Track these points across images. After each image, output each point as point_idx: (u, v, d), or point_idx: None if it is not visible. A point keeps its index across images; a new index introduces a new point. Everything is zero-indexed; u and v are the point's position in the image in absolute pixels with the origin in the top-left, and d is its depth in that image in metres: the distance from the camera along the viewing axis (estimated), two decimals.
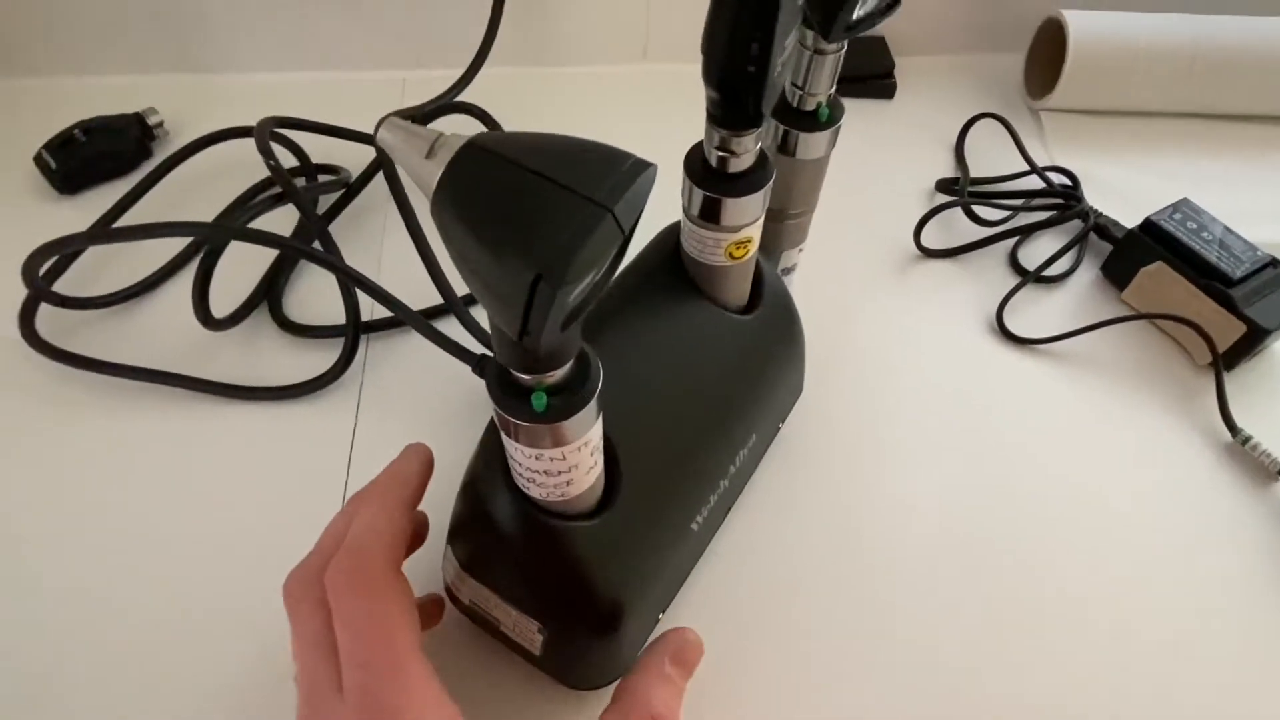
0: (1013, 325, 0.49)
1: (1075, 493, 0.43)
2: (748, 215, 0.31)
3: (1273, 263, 0.46)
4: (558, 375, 0.23)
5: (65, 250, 0.45)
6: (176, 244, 0.50)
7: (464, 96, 0.57)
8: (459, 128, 0.51)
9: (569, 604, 0.30)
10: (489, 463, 0.29)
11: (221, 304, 0.45)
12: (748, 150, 0.29)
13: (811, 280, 0.49)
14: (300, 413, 0.44)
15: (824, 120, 0.35)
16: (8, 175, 0.54)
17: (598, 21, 0.63)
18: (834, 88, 0.34)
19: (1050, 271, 0.51)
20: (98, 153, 0.54)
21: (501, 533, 0.29)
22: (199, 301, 0.43)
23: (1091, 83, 0.59)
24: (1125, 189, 0.56)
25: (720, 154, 0.29)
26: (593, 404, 0.24)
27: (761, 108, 0.26)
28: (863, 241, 0.54)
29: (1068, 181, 0.56)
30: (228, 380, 0.44)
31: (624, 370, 0.32)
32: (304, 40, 0.61)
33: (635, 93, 0.64)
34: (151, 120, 0.56)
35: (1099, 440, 0.45)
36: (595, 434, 0.26)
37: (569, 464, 0.26)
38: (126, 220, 0.51)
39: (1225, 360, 0.46)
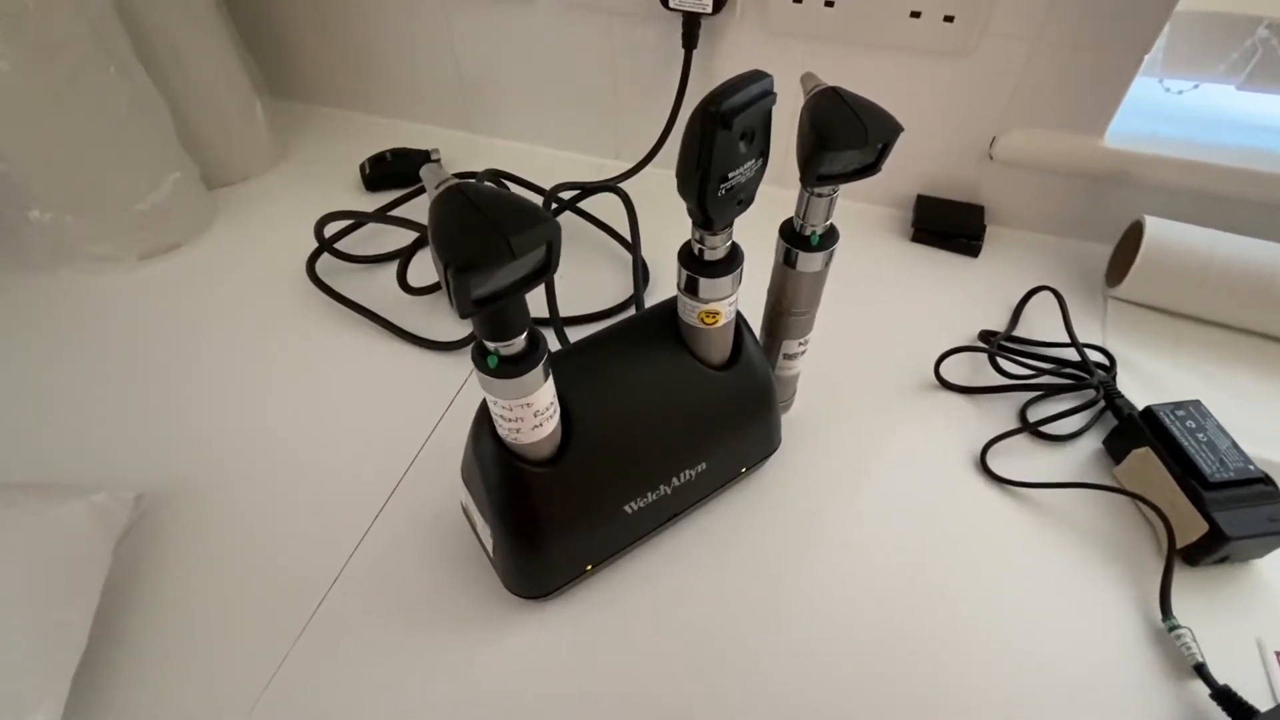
0: (997, 465, 0.48)
1: (998, 624, 0.41)
2: (718, 293, 0.37)
3: (1264, 479, 0.41)
4: (510, 350, 0.30)
5: (340, 220, 0.61)
6: (410, 235, 0.63)
7: (631, 182, 0.67)
8: (611, 203, 0.62)
9: (509, 516, 0.36)
10: (485, 411, 0.36)
11: (420, 280, 0.58)
12: (716, 247, 0.35)
13: (829, 372, 0.52)
14: (437, 360, 0.55)
15: (815, 244, 0.39)
16: (343, 174, 0.72)
17: None
18: (829, 221, 0.39)
19: (1055, 430, 0.49)
20: (396, 170, 0.70)
21: (481, 457, 0.36)
22: (401, 273, 0.56)
23: (1159, 282, 0.55)
24: (1161, 380, 0.51)
25: (698, 246, 0.35)
26: (529, 377, 0.31)
27: (711, 216, 0.32)
28: (891, 359, 0.55)
29: (1105, 361, 0.53)
30: (405, 328, 0.56)
31: (603, 380, 0.38)
32: (550, 126, 0.75)
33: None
34: (434, 156, 0.72)
35: (1040, 584, 0.42)
36: (537, 400, 0.32)
37: (514, 415, 0.33)
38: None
39: (1188, 556, 0.42)
